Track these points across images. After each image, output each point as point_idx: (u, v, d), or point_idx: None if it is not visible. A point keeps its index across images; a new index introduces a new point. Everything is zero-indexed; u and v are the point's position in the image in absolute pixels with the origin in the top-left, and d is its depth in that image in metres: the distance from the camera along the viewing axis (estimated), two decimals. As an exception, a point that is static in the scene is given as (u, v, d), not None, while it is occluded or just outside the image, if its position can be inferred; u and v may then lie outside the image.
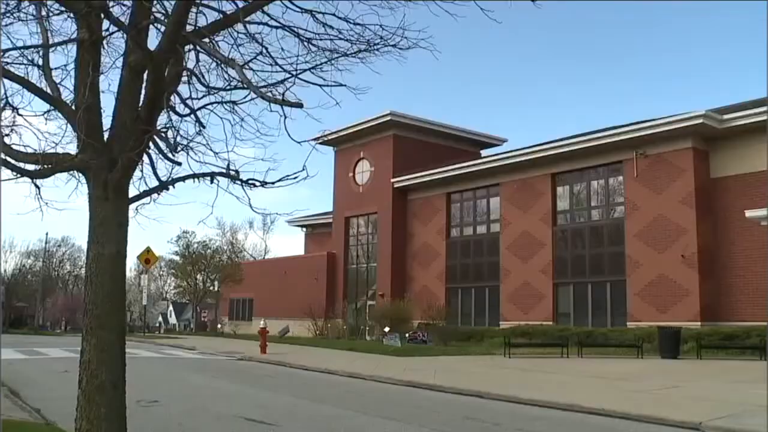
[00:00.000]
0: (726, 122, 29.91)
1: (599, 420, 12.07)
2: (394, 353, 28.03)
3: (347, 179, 48.12)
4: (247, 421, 11.45)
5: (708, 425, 10.93)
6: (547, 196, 36.46)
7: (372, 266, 46.21)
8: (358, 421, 11.85)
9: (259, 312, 49.75)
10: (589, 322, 33.23)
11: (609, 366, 22.28)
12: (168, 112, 6.31)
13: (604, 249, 33.93)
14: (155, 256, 43.33)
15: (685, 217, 30.46)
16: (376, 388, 17.58)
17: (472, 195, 41.66)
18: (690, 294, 29.86)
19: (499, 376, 19.57)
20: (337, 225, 49.24)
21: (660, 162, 31.58)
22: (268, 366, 24.20)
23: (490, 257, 39.39)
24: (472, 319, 39.78)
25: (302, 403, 14.13)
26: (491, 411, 13.19)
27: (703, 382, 17.68)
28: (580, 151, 34.33)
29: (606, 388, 16.23)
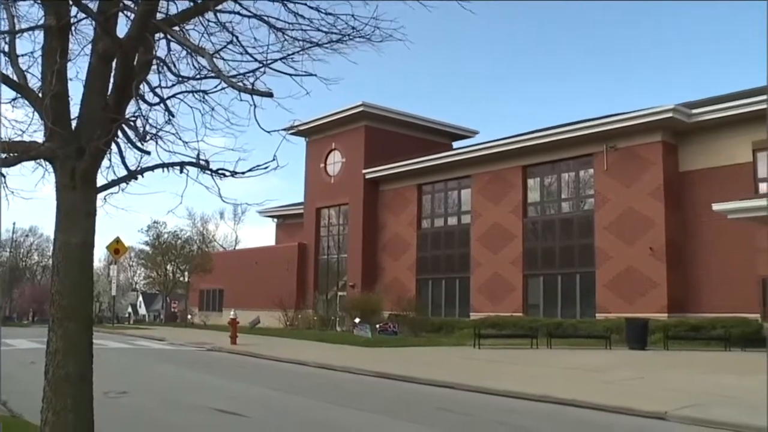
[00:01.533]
0: (695, 117, 30.24)
1: (569, 410, 12.17)
2: (365, 344, 28.06)
3: (318, 170, 47.99)
4: (217, 411, 11.41)
5: (674, 415, 11.09)
6: (518, 188, 36.63)
7: (343, 257, 46.17)
8: (330, 413, 11.85)
9: (230, 303, 49.51)
10: (559, 314, 33.47)
11: (578, 357, 22.46)
12: (137, 101, 6.23)
13: (574, 241, 34.17)
14: (125, 246, 43.02)
15: (654, 210, 30.75)
16: (347, 379, 17.59)
17: (444, 186, 41.74)
18: (657, 286, 30.18)
19: (470, 367, 19.65)
20: (308, 216, 49.12)
21: (630, 155, 31.83)
22: (238, 357, 24.12)
23: (460, 249, 39.51)
24: (442, 310, 39.90)
25: (273, 394, 14.10)
26: (463, 402, 13.25)
27: (669, 372, 17.90)
28: (551, 144, 34.51)
29: (575, 379, 16.37)
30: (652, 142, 31.14)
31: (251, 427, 10.23)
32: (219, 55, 6.25)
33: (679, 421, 10.88)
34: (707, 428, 10.42)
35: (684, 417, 10.96)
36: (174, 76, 6.45)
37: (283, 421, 10.89)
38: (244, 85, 5.97)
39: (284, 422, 10.82)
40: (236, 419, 10.80)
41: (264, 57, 6.30)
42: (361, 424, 10.73)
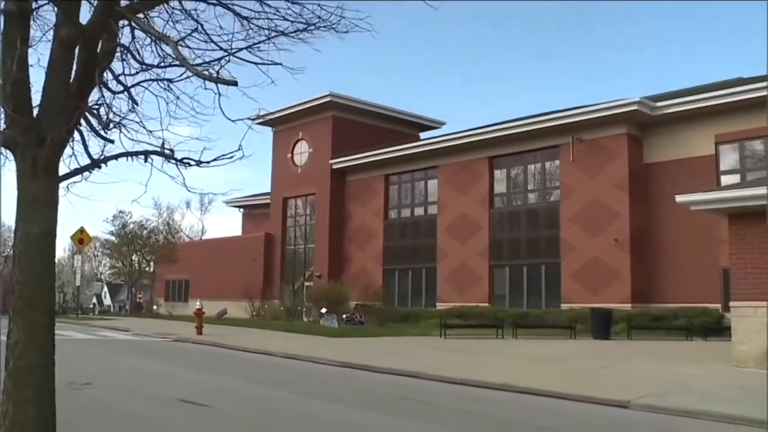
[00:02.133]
0: (659, 110, 30.59)
1: (534, 399, 12.27)
2: (331, 334, 28.05)
3: (285, 160, 47.81)
4: (183, 402, 11.34)
5: (636, 403, 11.24)
6: (484, 179, 36.79)
7: (310, 247, 46.09)
8: (295, 402, 11.83)
9: (196, 293, 49.23)
10: (524, 304, 33.74)
11: (543, 347, 22.65)
12: (100, 89, 6.15)
13: (540, 232, 34.41)
14: (89, 236, 42.57)
15: (619, 202, 31.07)
16: (314, 369, 17.58)
17: (411, 177, 41.79)
18: (622, 277, 30.53)
19: (436, 356, 19.73)
20: (275, 206, 48.94)
21: (595, 147, 32.11)
22: (204, 347, 23.99)
23: (427, 239, 39.61)
24: (409, 301, 40.02)
25: (238, 385, 14.05)
26: (429, 391, 13.30)
27: (632, 362, 18.11)
28: (518, 135, 34.70)
29: (540, 369, 16.51)
30: (618, 134, 31.44)
31: (215, 417, 10.19)
32: (184, 43, 6.18)
33: (641, 409, 11.03)
34: (668, 415, 10.58)
35: (646, 405, 11.12)
36: (138, 64, 6.37)
37: (247, 411, 10.85)
38: (209, 73, 5.92)
39: (249, 412, 10.79)
40: (201, 409, 10.75)
41: (229, 46, 6.25)
42: (326, 413, 10.73)
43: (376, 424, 9.90)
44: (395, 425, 9.84)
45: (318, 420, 10.15)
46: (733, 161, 29.54)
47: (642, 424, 10.18)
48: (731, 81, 31.72)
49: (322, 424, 9.86)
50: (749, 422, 9.85)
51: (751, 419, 9.92)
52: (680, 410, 10.70)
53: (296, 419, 10.27)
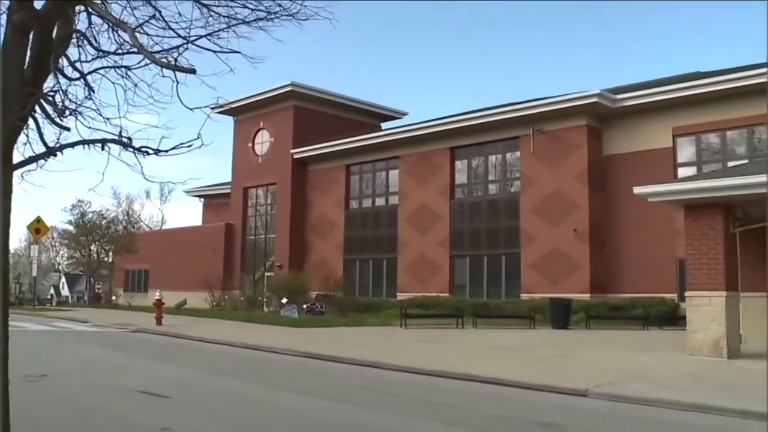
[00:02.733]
0: (618, 102, 30.90)
1: (494, 389, 12.37)
2: (292, 324, 28.00)
3: (246, 150, 47.50)
4: (141, 393, 11.25)
5: (594, 391, 11.39)
6: (445, 169, 36.89)
7: (270, 237, 45.90)
8: (255, 393, 11.80)
9: (155, 283, 48.79)
10: (485, 294, 33.93)
11: (503, 336, 22.81)
12: (56, 75, 6.03)
13: (500, 222, 34.60)
14: (46, 226, 41.92)
15: (579, 193, 31.34)
16: (274, 359, 17.55)
17: (372, 167, 41.77)
18: (581, 267, 30.84)
19: (396, 346, 19.79)
20: (235, 195, 48.63)
21: (555, 139, 32.35)
22: (163, 338, 23.83)
23: (388, 229, 39.65)
24: (369, 291, 40.05)
25: (198, 375, 13.98)
26: (389, 381, 13.35)
27: (590, 351, 18.33)
28: (479, 126, 34.81)
29: (500, 358, 16.63)
30: (578, 126, 31.70)
31: (174, 408, 10.13)
32: (142, 29, 6.07)
33: (598, 398, 11.19)
34: (624, 403, 10.75)
35: (603, 393, 11.28)
36: (95, 51, 6.26)
37: (207, 402, 10.80)
38: (168, 61, 5.84)
39: (208, 402, 10.74)
40: (159, 400, 10.67)
41: (187, 33, 6.17)
42: (286, 403, 10.72)
43: (336, 414, 9.91)
44: (355, 415, 9.86)
45: (278, 410, 10.14)
46: (690, 154, 29.96)
47: (599, 411, 10.32)
48: (689, 75, 32.17)
49: (283, 414, 9.84)
50: (702, 408, 10.05)
51: (703, 405, 10.13)
52: (636, 398, 10.88)
53: (256, 409, 10.24)
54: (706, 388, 11.54)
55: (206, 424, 9.14)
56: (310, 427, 9.05)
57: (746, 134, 28.55)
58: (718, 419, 9.57)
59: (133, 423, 9.06)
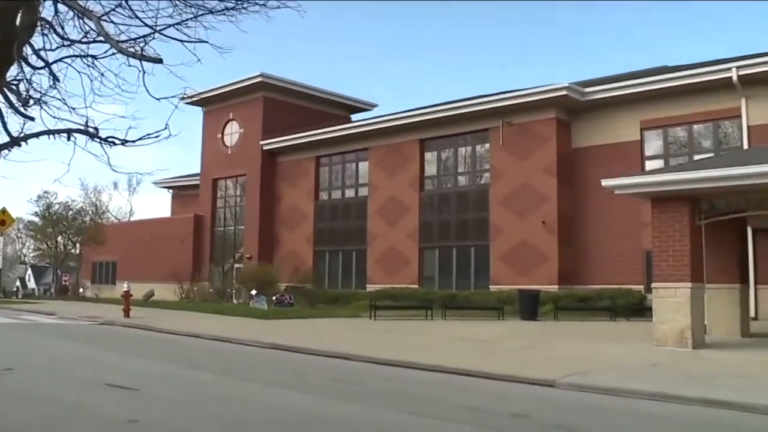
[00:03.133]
0: (587, 95, 31.13)
1: (462, 380, 12.42)
2: (261, 316, 27.91)
3: (216, 141, 47.22)
4: (109, 386, 11.15)
5: (562, 382, 11.49)
6: (415, 161, 36.95)
7: (240, 229, 45.72)
8: (224, 385, 11.75)
9: (123, 275, 48.38)
10: (454, 286, 34.08)
11: (472, 328, 22.92)
12: (20, 64, 5.96)
13: (470, 214, 34.73)
14: (11, 217, 41.31)
15: (547, 185, 31.55)
16: (243, 351, 17.49)
17: (342, 159, 41.72)
18: (549, 259, 31.07)
19: (365, 338, 19.81)
20: (204, 187, 48.34)
21: (525, 131, 32.51)
22: (131, 330, 23.65)
23: (358, 221, 39.65)
24: (339, 282, 40.06)
25: (166, 367, 13.88)
26: (357, 372, 13.36)
27: (558, 342, 18.47)
28: (448, 118, 34.91)
29: (469, 349, 16.71)
30: (547, 118, 31.89)
31: (142, 401, 10.06)
32: (108, 18, 6.02)
33: (566, 388, 11.29)
34: (592, 393, 10.85)
35: (571, 384, 11.38)
36: (60, 39, 6.19)
37: (175, 394, 10.75)
38: (134, 50, 5.79)
39: (177, 395, 10.69)
40: (127, 393, 10.59)
41: (154, 22, 6.12)
42: (255, 395, 10.70)
43: (305, 405, 9.90)
44: (324, 406, 9.86)
45: (247, 402, 10.11)
46: (657, 147, 30.27)
47: (567, 401, 10.41)
48: (656, 69, 32.52)
49: (251, 406, 9.82)
50: (666, 398, 10.18)
51: (668, 395, 10.27)
52: (604, 388, 10.99)
53: (225, 401, 10.20)
54: (670, 378, 11.68)
55: (174, 416, 9.09)
56: (280, 418, 9.04)
57: (712, 128, 28.92)
58: (681, 408, 9.70)
59: (99, 416, 8.98)
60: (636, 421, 9.10)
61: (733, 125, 28.24)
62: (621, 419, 9.22)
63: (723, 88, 27.45)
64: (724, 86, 27.36)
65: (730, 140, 28.45)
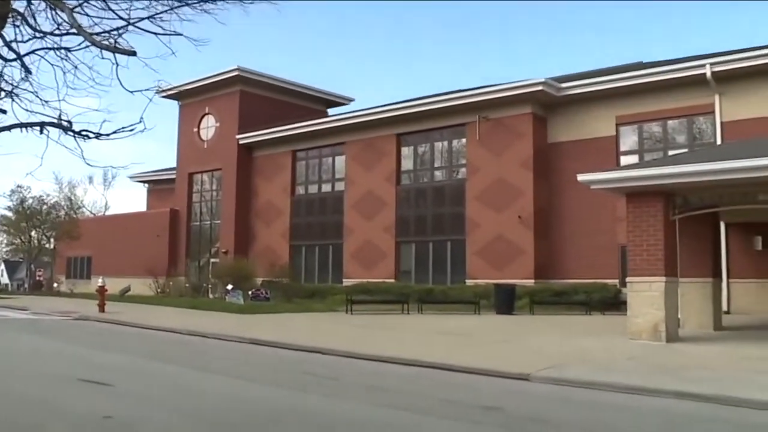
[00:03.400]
0: (563, 91, 31.24)
1: (438, 374, 12.46)
2: (237, 311, 27.86)
3: (191, 135, 46.95)
4: (83, 382, 11.08)
5: (536, 375, 11.56)
6: (391, 156, 36.94)
7: (216, 223, 45.51)
8: (199, 380, 11.72)
9: (99, 270, 48.05)
10: (430, 280, 34.13)
11: (447, 322, 22.98)
12: (-10, 56, 5.89)
13: (446, 209, 34.79)
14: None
15: (523, 180, 31.65)
16: (219, 345, 17.44)
17: (318, 153, 41.62)
18: (525, 253, 31.19)
19: (341, 332, 19.80)
20: (180, 181, 48.06)
21: (501, 126, 32.59)
22: (106, 325, 23.51)
23: (334, 215, 39.59)
24: (315, 277, 39.99)
25: (141, 363, 13.82)
26: (333, 366, 13.36)
27: (534, 336, 18.56)
28: (425, 113, 34.92)
29: (444, 343, 16.74)
30: (523, 114, 31.98)
31: (117, 396, 10.00)
32: (82, 9, 5.95)
33: (541, 382, 11.36)
34: (566, 387, 10.92)
35: (546, 377, 11.45)
36: (32, 31, 6.11)
37: (151, 389, 10.69)
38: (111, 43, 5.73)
39: (152, 390, 10.63)
40: (101, 388, 10.53)
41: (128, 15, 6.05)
42: (230, 390, 10.66)
43: (281, 400, 9.89)
44: (300, 400, 9.85)
45: (222, 396, 10.08)
46: (632, 142, 30.45)
47: (541, 395, 10.47)
48: (632, 65, 32.69)
49: (227, 400, 9.79)
50: (640, 391, 10.27)
51: (642, 388, 10.36)
52: (578, 381, 11.07)
53: (201, 396, 10.17)
54: (644, 371, 11.78)
55: (150, 411, 9.04)
56: (255, 412, 9.03)
57: (686, 124, 29.15)
58: (655, 400, 9.79)
59: (74, 412, 8.91)
60: (610, 414, 9.17)
61: (707, 121, 28.49)
62: (595, 412, 9.29)
63: (697, 84, 27.69)
64: (698, 83, 27.59)
65: (704, 136, 28.70)
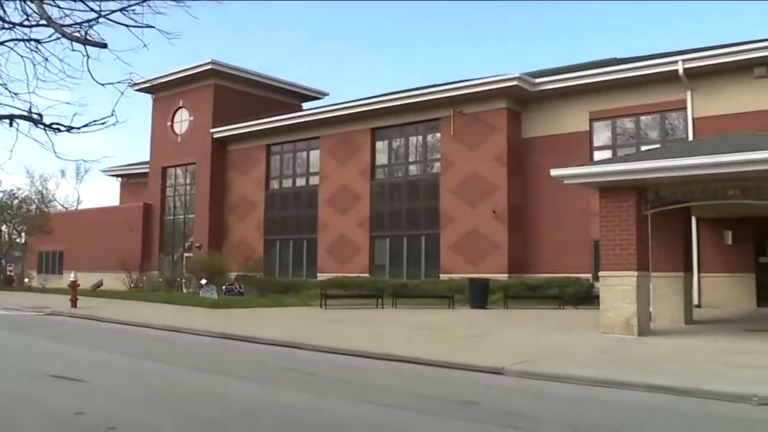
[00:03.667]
0: (538, 86, 31.35)
1: (412, 368, 12.49)
2: (211, 305, 27.75)
3: (165, 128, 46.60)
4: (55, 378, 10.99)
5: (510, 369, 11.63)
6: (366, 150, 36.90)
7: (189, 218, 45.24)
8: (174, 375, 11.67)
9: (71, 265, 47.54)
10: (404, 274, 34.15)
11: (422, 316, 23.04)
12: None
13: (420, 203, 34.82)
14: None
15: (497, 175, 31.75)
16: (193, 341, 17.37)
17: (293, 147, 41.48)
18: (499, 248, 31.30)
19: (316, 327, 19.79)
20: (153, 175, 47.71)
21: (475, 121, 32.66)
22: (79, 321, 23.33)
23: (308, 210, 39.50)
24: (290, 271, 39.89)
25: (115, 358, 13.73)
26: (307, 361, 13.35)
27: (507, 330, 18.67)
28: (400, 108, 34.90)
29: (419, 338, 16.79)
30: (497, 108, 32.06)
31: (89, 392, 9.93)
32: (52, 1, 5.88)
33: (515, 375, 11.42)
34: (540, 380, 11.00)
35: (519, 371, 11.53)
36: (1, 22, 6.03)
37: (124, 385, 10.62)
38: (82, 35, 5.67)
39: (125, 386, 10.56)
40: (74, 384, 10.45)
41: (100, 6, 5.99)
42: (204, 385, 10.63)
43: (256, 395, 9.87)
44: (275, 395, 9.84)
45: (196, 392, 10.04)
46: (605, 137, 30.65)
47: (515, 388, 10.54)
48: (605, 61, 32.91)
49: (200, 395, 9.76)
50: (612, 384, 10.38)
51: (614, 381, 10.47)
52: (551, 375, 11.15)
53: (175, 392, 10.13)
54: (617, 365, 11.90)
55: (123, 407, 8.98)
56: (229, 407, 9.00)
57: (659, 119, 29.38)
58: (627, 393, 9.90)
59: (45, 408, 8.83)
60: (583, 407, 9.24)
61: (679, 117, 28.74)
62: (568, 405, 9.36)
63: (669, 80, 27.92)
64: (671, 79, 27.83)
65: (676, 132, 28.96)
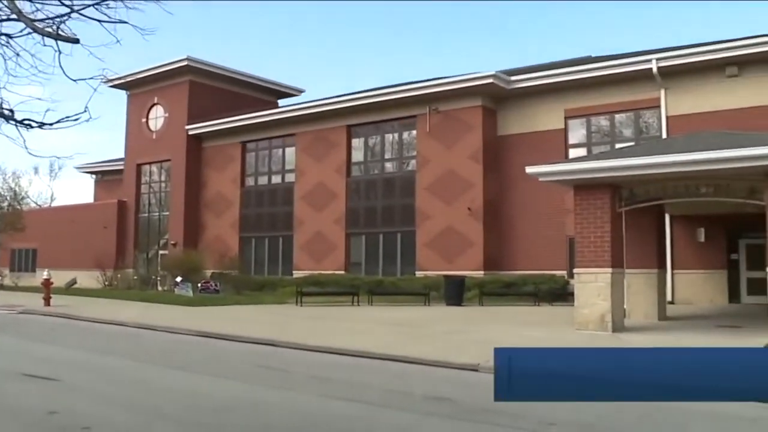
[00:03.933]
0: (513, 84, 31.44)
1: (388, 365, 12.51)
2: (186, 303, 27.63)
3: (140, 125, 46.25)
4: (27, 377, 10.89)
5: (485, 366, 11.64)
6: (342, 147, 36.84)
7: (164, 215, 44.95)
8: (147, 372, 11.61)
9: (44, 263, 47.06)
10: (380, 272, 34.17)
11: (397, 313, 23.07)
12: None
13: (396, 201, 34.83)
14: None
15: (473, 172, 31.82)
16: (168, 338, 17.29)
17: (268, 144, 41.33)
18: (474, 245, 31.38)
19: (291, 324, 19.76)
20: (128, 172, 47.33)
21: (451, 118, 32.72)
22: (52, 319, 23.10)
23: (284, 207, 39.38)
24: (265, 269, 39.76)
25: (88, 356, 13.63)
26: (284, 359, 13.34)
27: (483, 326, 18.72)
28: (376, 105, 34.88)
29: (395, 335, 16.80)
30: (473, 106, 32.12)
31: (62, 391, 9.85)
32: (23, -6, 5.82)
33: (490, 372, 11.34)
34: (514, 378, 11.02)
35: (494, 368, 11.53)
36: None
37: (97, 384, 10.55)
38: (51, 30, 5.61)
39: (99, 384, 10.49)
40: (46, 383, 10.36)
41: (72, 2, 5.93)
42: (178, 383, 10.59)
43: (229, 392, 9.84)
44: (249, 392, 9.82)
45: (169, 389, 10.00)
46: (581, 135, 30.83)
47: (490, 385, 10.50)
48: (580, 59, 33.09)
49: (173, 393, 9.72)
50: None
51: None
52: (526, 372, 11.17)
53: (149, 390, 10.07)
54: (591, 361, 11.94)
55: (97, 406, 8.92)
56: (202, 405, 8.97)
57: (633, 117, 29.60)
58: (601, 390, 9.94)
59: (17, 407, 8.76)
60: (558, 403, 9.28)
61: (653, 115, 28.97)
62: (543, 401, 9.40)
63: (644, 79, 28.13)
64: (645, 77, 28.04)
65: (650, 130, 29.18)
